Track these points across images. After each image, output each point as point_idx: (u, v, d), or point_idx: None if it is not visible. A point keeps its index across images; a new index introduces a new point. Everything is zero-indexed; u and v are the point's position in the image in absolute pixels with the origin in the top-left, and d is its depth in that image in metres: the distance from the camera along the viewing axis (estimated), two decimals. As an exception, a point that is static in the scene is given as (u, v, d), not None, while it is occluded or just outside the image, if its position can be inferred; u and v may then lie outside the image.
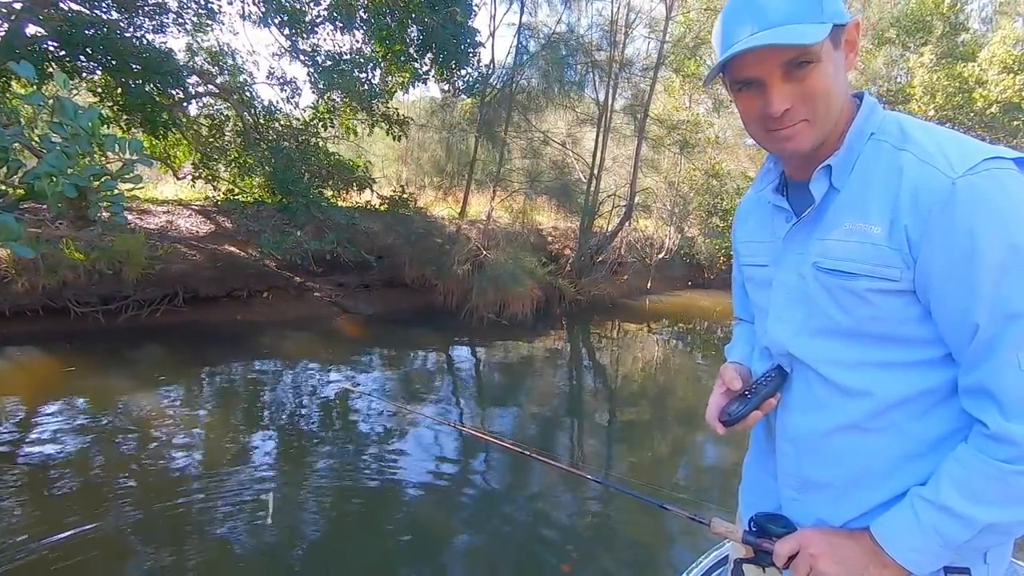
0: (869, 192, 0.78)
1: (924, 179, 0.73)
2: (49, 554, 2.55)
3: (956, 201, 0.70)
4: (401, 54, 8.07)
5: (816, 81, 0.77)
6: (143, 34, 7.48)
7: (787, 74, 0.77)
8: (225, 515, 2.96)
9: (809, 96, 0.77)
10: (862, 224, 0.78)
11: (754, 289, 1.00)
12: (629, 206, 9.69)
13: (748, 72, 0.79)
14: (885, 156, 0.78)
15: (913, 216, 0.73)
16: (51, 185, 1.71)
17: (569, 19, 9.08)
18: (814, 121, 0.79)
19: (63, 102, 1.87)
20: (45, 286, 5.87)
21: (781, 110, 0.78)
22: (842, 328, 0.81)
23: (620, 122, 10.30)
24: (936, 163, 0.73)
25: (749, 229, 1.03)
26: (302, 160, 7.94)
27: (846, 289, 0.79)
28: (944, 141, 0.76)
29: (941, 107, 10.77)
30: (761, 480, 1.02)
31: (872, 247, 0.77)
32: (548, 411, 5.13)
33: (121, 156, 2.01)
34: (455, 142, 9.36)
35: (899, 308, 0.77)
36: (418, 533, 2.94)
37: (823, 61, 0.76)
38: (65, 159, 1.83)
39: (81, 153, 1.91)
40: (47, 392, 4.56)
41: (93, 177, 1.86)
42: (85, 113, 1.88)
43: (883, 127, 0.81)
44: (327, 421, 4.47)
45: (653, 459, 4.23)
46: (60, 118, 1.86)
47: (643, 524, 3.14)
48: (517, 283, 7.59)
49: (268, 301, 7.50)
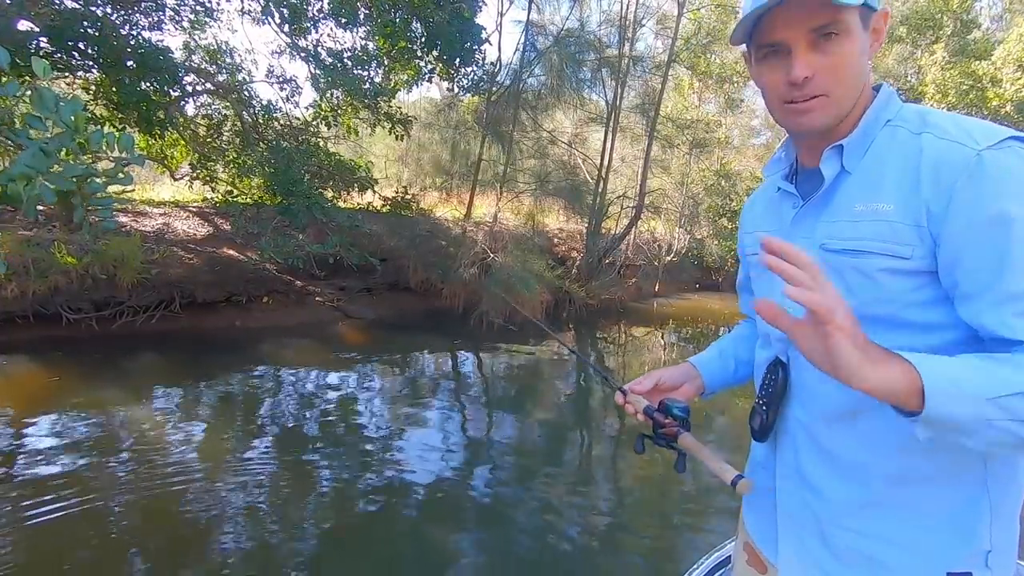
0: (883, 174, 0.77)
1: (946, 154, 0.72)
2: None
3: (983, 171, 0.69)
4: (406, 51, 7.83)
5: (841, 53, 0.76)
6: (139, 32, 7.26)
7: (814, 43, 0.76)
8: (226, 531, 2.86)
9: (832, 67, 0.76)
10: (874, 204, 0.76)
11: (757, 278, 0.98)
12: (638, 207, 9.46)
13: (776, 35, 0.77)
14: (901, 140, 0.77)
15: (935, 190, 0.71)
16: (27, 188, 1.47)
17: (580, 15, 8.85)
18: (832, 97, 0.78)
19: (42, 92, 1.63)
20: (35, 292, 5.65)
21: (802, 76, 0.76)
22: None
23: (629, 121, 10.07)
24: (959, 139, 0.72)
25: (755, 218, 1.01)
26: (302, 161, 7.70)
27: (854, 268, 0.77)
28: (965, 122, 0.75)
29: (953, 105, 10.58)
30: (759, 473, 0.97)
31: (885, 224, 0.75)
32: (556, 418, 4.98)
33: (110, 154, 1.78)
34: (460, 142, 9.12)
35: (907, 290, 0.75)
36: (423, 542, 2.90)
37: (851, 35, 0.76)
38: (43, 158, 1.59)
39: (64, 151, 1.67)
40: (37, 404, 4.35)
41: (77, 179, 1.62)
42: (68, 105, 1.64)
43: (900, 115, 0.80)
44: (329, 431, 4.32)
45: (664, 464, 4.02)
46: (39, 111, 1.62)
47: (654, 530, 3.12)
48: (527, 287, 7.36)
49: (268, 306, 7.26)
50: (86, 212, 1.80)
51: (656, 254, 11.43)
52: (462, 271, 7.73)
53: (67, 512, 2.91)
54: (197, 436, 3.97)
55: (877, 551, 0.81)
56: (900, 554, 0.79)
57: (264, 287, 7.23)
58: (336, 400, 4.98)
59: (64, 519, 2.85)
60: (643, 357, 7.64)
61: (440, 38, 7.46)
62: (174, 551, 2.67)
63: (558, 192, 9.12)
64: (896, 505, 0.79)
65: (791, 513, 0.90)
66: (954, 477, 0.77)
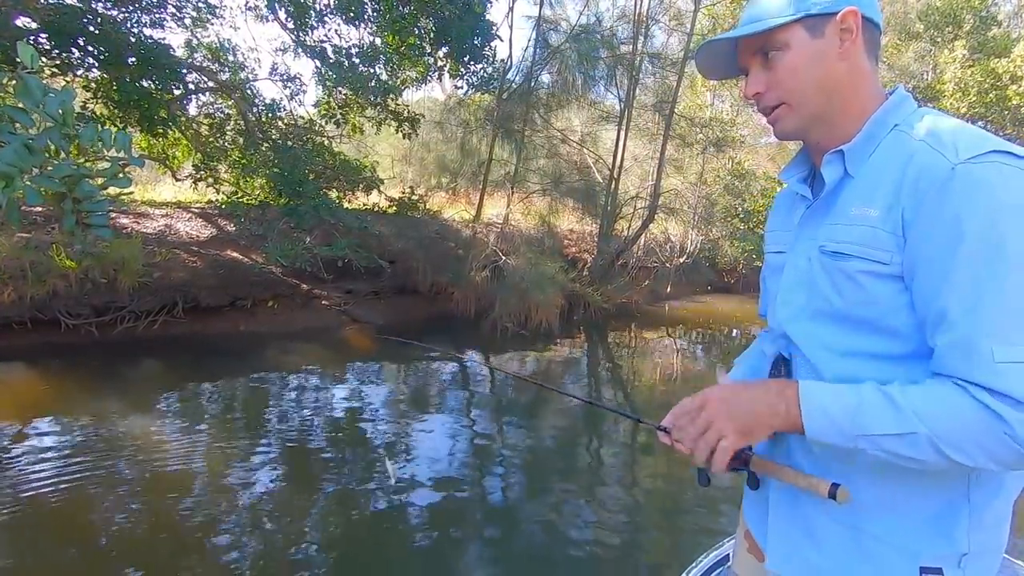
0: (879, 179, 0.79)
1: (928, 164, 0.73)
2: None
3: (952, 186, 0.71)
4: (415, 47, 7.61)
5: (784, 67, 0.83)
6: (140, 29, 7.07)
7: (763, 63, 0.85)
8: (230, 543, 2.80)
9: (778, 81, 0.84)
10: (866, 209, 0.79)
11: (770, 276, 1.02)
12: (652, 208, 9.22)
13: (740, 62, 0.89)
14: (901, 146, 0.78)
15: (912, 200, 0.74)
16: (5, 190, 1.26)
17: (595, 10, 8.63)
18: (793, 105, 0.84)
19: (27, 81, 1.41)
20: (33, 296, 5.47)
21: (751, 93, 0.87)
22: (835, 310, 0.82)
23: (643, 119, 9.83)
24: (943, 150, 0.73)
25: (776, 219, 1.04)
26: (308, 160, 7.50)
27: (840, 270, 0.80)
28: (961, 132, 0.75)
29: (973, 104, 10.34)
30: None
31: (869, 229, 0.77)
32: (567, 425, 4.85)
33: (106, 154, 1.56)
34: (469, 141, 8.89)
35: (889, 295, 0.77)
36: (430, 554, 2.86)
37: (792, 48, 0.82)
38: (28, 156, 1.37)
39: (53, 148, 1.46)
40: (34, 413, 4.20)
41: (66, 180, 1.40)
42: (56, 96, 1.42)
43: (909, 119, 0.81)
44: (336, 439, 4.21)
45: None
46: (24, 101, 1.40)
47: (667, 538, 3.12)
48: (541, 291, 7.14)
49: (273, 311, 7.04)
50: (78, 217, 1.58)
51: (668, 256, 11.19)
52: (473, 274, 7.50)
53: (66, 522, 2.85)
54: (200, 446, 3.85)
55: (855, 541, 0.83)
56: (877, 546, 0.81)
57: (269, 290, 7.02)
58: (343, 408, 4.86)
59: (63, 530, 2.79)
60: (657, 362, 7.43)
61: (450, 34, 7.24)
62: (177, 563, 2.62)
63: (571, 192, 8.88)
64: (876, 499, 0.81)
65: (779, 501, 0.93)
66: (935, 478, 0.78)
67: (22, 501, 3.03)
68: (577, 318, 8.80)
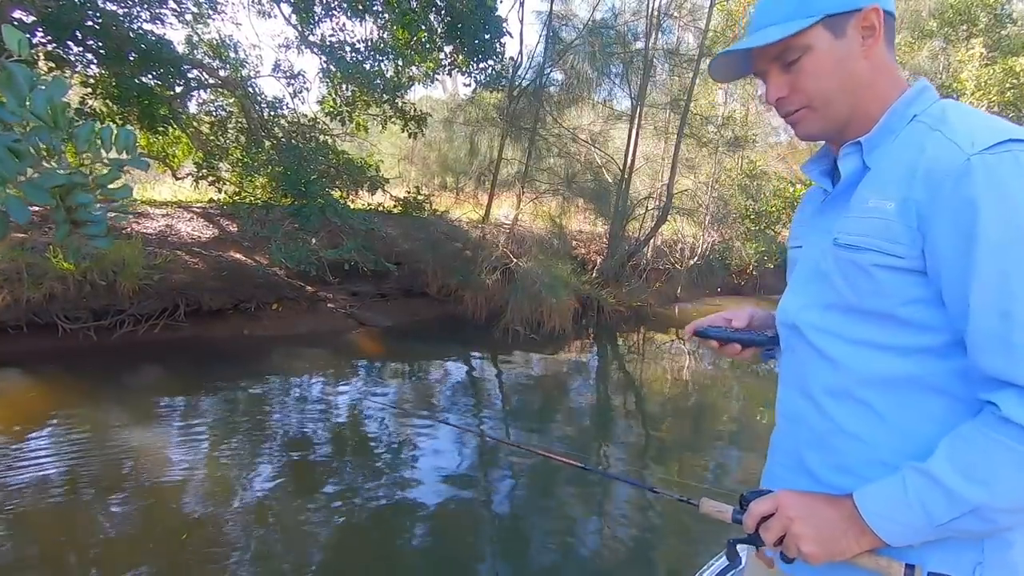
0: (895, 171, 0.77)
1: (942, 155, 0.72)
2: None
3: (968, 179, 0.69)
4: (426, 41, 7.39)
5: (807, 71, 0.81)
6: (139, 24, 6.87)
7: (783, 67, 0.83)
8: (233, 551, 2.77)
9: (800, 86, 0.82)
10: (881, 201, 0.77)
11: (789, 269, 1.01)
12: (665, 208, 9.01)
13: (756, 66, 0.88)
14: (918, 136, 0.77)
15: (926, 192, 0.72)
16: (-14, 202, 1.06)
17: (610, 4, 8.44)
18: (816, 108, 0.83)
19: (13, 70, 1.21)
20: (30, 299, 5.30)
21: (773, 99, 0.86)
22: (847, 303, 0.81)
23: (656, 118, 9.62)
24: (958, 140, 0.71)
25: (800, 214, 1.03)
26: (312, 159, 7.29)
27: (853, 263, 0.79)
28: (978, 122, 0.73)
29: (993, 103, 10.15)
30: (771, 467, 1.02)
31: (883, 222, 0.76)
32: (576, 434, 4.71)
33: (106, 155, 1.37)
34: (477, 139, 8.68)
35: (903, 287, 0.76)
36: (438, 560, 2.85)
37: (815, 51, 0.80)
38: (13, 160, 1.17)
39: (45, 151, 1.26)
40: (30, 421, 4.07)
41: (58, 190, 1.21)
42: (46, 89, 1.22)
43: (928, 110, 0.79)
44: (342, 446, 4.13)
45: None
46: (8, 94, 1.20)
47: (680, 543, 3.09)
48: (554, 294, 6.94)
49: (278, 314, 6.85)
50: (72, 228, 1.39)
51: (680, 257, 10.99)
52: (483, 276, 7.30)
53: (64, 530, 2.81)
54: (202, 453, 3.77)
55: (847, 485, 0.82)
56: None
57: (274, 293, 6.83)
58: (349, 414, 4.76)
59: (61, 538, 2.76)
60: (668, 366, 7.25)
61: (460, 29, 7.03)
62: (179, 571, 2.61)
63: (581, 193, 8.68)
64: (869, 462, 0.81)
65: (777, 446, 0.96)
66: None
67: (18, 510, 2.95)
68: (587, 321, 8.64)
